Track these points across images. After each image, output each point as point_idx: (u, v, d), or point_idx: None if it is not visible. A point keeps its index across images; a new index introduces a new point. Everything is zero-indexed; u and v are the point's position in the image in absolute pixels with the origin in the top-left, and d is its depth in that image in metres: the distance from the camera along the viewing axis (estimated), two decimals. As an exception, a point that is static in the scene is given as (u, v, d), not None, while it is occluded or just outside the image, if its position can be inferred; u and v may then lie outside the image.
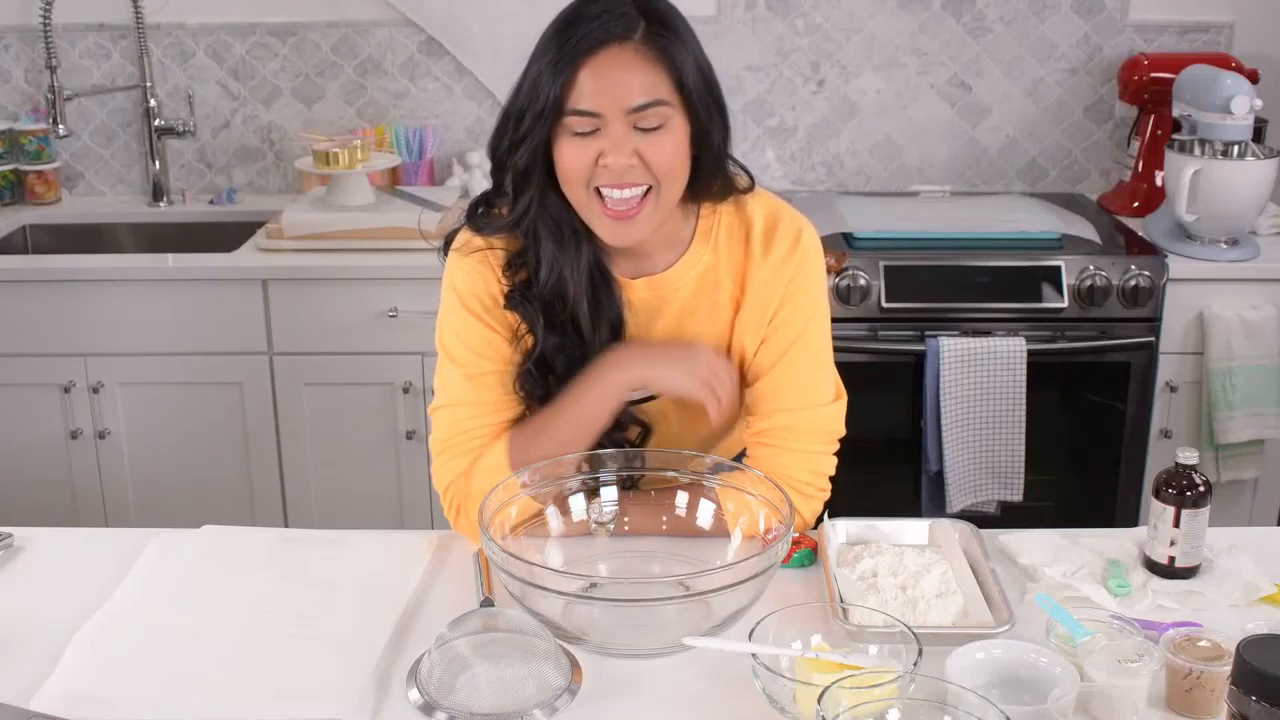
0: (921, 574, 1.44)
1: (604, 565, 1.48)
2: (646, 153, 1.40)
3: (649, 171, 1.41)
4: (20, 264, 2.82)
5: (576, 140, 1.40)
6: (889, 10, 3.08)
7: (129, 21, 3.05)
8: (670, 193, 1.45)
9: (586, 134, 1.40)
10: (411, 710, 1.26)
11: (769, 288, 1.54)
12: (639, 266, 1.55)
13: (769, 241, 1.54)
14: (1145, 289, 2.61)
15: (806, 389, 1.56)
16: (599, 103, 1.38)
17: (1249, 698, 1.03)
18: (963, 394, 2.59)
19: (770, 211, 1.57)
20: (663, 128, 1.41)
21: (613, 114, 1.38)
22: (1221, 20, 3.07)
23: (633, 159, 1.40)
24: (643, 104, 1.38)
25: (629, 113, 1.39)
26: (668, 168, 1.42)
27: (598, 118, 1.39)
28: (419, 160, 3.09)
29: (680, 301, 1.56)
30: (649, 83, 1.39)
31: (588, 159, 1.40)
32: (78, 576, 1.51)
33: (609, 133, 1.39)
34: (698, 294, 1.56)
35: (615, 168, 1.40)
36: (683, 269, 1.55)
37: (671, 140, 1.41)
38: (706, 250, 1.55)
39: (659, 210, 1.45)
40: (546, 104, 1.39)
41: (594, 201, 1.43)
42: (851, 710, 1.10)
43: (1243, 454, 2.73)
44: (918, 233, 2.73)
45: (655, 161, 1.41)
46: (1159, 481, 1.47)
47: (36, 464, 2.79)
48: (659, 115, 1.40)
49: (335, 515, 2.79)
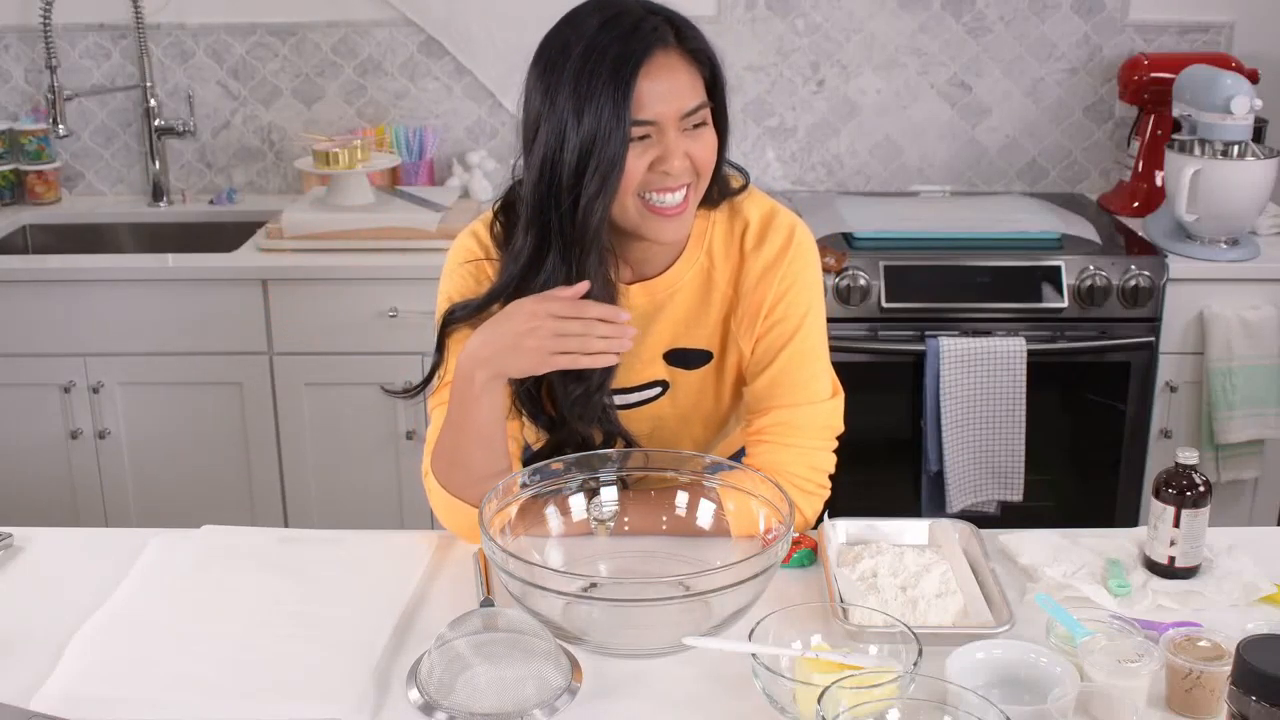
0: (921, 574, 1.44)
1: (604, 565, 1.48)
2: (694, 152, 1.43)
3: (693, 169, 1.44)
4: (20, 264, 2.82)
5: (633, 150, 1.40)
6: (889, 10, 3.08)
7: (129, 21, 3.06)
8: (704, 187, 1.48)
9: (641, 140, 1.41)
10: (411, 710, 1.26)
11: (762, 285, 1.55)
12: (635, 273, 1.56)
13: (761, 240, 1.55)
14: (1145, 289, 2.61)
15: (803, 385, 1.56)
16: (656, 111, 1.40)
17: (1249, 698, 1.03)
18: (963, 394, 2.59)
19: (763, 211, 1.58)
20: (705, 125, 1.45)
21: (668, 121, 1.41)
22: (1221, 20, 3.07)
23: (686, 161, 1.43)
24: (694, 107, 1.42)
25: (682, 117, 1.42)
26: (708, 164, 1.46)
27: (653, 125, 1.41)
28: (419, 160, 3.09)
29: (676, 305, 1.57)
30: (694, 85, 1.43)
31: (643, 167, 1.42)
32: (78, 576, 1.51)
33: (664, 139, 1.41)
34: (693, 297, 1.57)
35: (674, 171, 1.42)
36: (678, 272, 1.56)
37: (710, 137, 1.46)
38: (701, 253, 1.56)
39: (696, 200, 1.48)
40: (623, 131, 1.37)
41: (642, 206, 1.45)
42: (851, 710, 1.10)
43: (1243, 454, 2.73)
44: (918, 233, 2.73)
45: (700, 159, 1.44)
46: (1159, 481, 1.47)
47: (36, 464, 2.79)
48: (704, 115, 1.44)
49: (335, 515, 2.79)
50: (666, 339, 1.57)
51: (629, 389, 1.59)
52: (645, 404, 1.60)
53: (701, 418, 1.64)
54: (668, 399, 1.61)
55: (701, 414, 1.64)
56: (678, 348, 1.58)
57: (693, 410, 1.61)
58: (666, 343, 1.57)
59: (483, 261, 1.54)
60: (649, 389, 1.60)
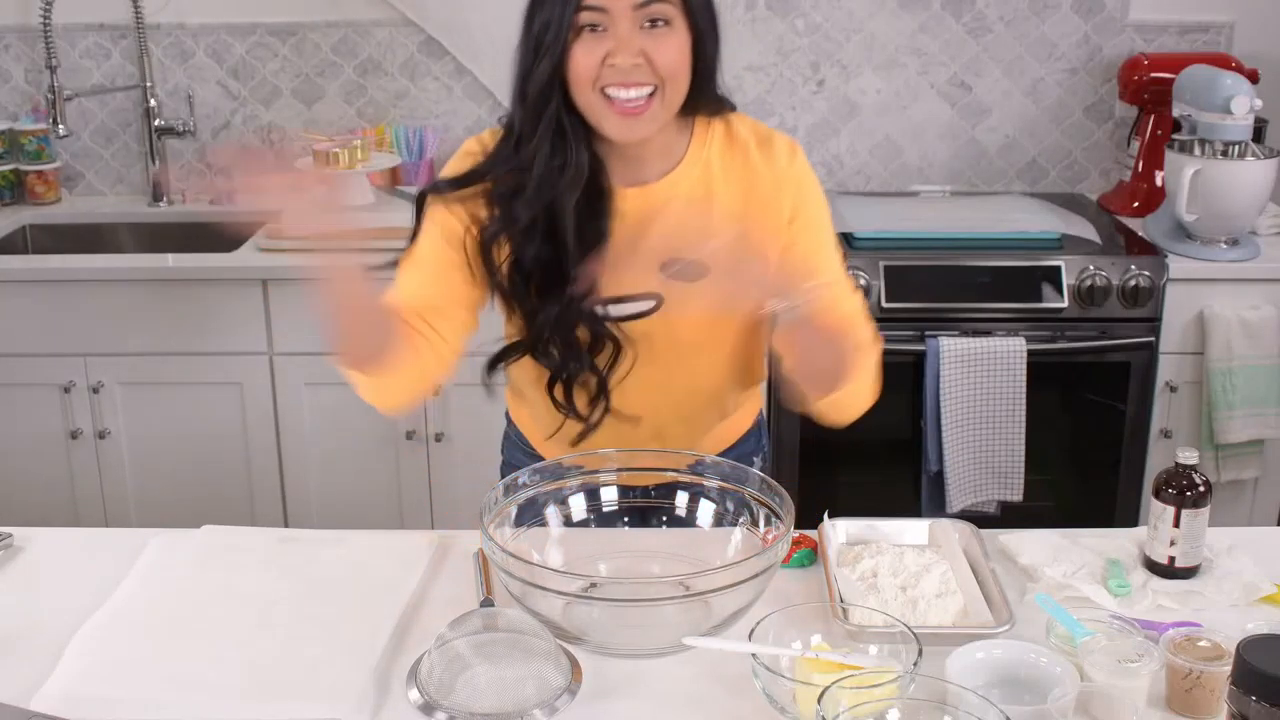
0: (921, 574, 1.44)
1: (604, 565, 1.49)
2: (652, 51, 1.44)
3: (654, 71, 1.45)
4: (20, 264, 2.82)
5: (585, 41, 1.44)
6: (889, 10, 3.08)
7: (129, 21, 3.05)
8: (674, 93, 1.48)
9: (595, 32, 1.43)
10: (411, 710, 1.26)
11: (780, 189, 1.57)
12: (633, 175, 1.56)
13: (768, 149, 1.58)
14: (1145, 289, 2.61)
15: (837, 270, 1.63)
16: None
17: (1249, 698, 1.04)
18: (963, 394, 2.59)
19: (758, 127, 1.61)
20: (668, 26, 1.44)
21: (619, 10, 1.42)
22: (1221, 20, 3.07)
23: (638, 58, 1.43)
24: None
25: (635, 8, 1.42)
26: (672, 67, 1.46)
27: (604, 13, 1.42)
28: (419, 160, 3.09)
29: (673, 213, 1.56)
30: None
31: (595, 59, 1.43)
32: (78, 576, 1.51)
33: (616, 30, 1.43)
34: (690, 206, 1.56)
35: (622, 65, 1.43)
36: (674, 180, 1.56)
37: (675, 40, 1.45)
38: (699, 164, 1.57)
39: (664, 110, 1.48)
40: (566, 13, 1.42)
41: (602, 101, 1.46)
42: (851, 710, 1.10)
43: (1243, 454, 2.73)
44: (918, 233, 2.73)
45: (660, 61, 1.44)
46: (1159, 481, 1.47)
47: (36, 464, 2.79)
48: (663, 12, 1.44)
49: (335, 515, 2.79)
50: (662, 249, 1.54)
51: (619, 299, 1.57)
52: (636, 318, 1.57)
53: (700, 344, 1.62)
54: (659, 316, 1.58)
55: (699, 340, 1.61)
56: (673, 259, 1.54)
57: (689, 333, 1.59)
58: (662, 253, 1.54)
59: (478, 155, 1.58)
60: (640, 301, 1.57)
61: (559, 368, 1.57)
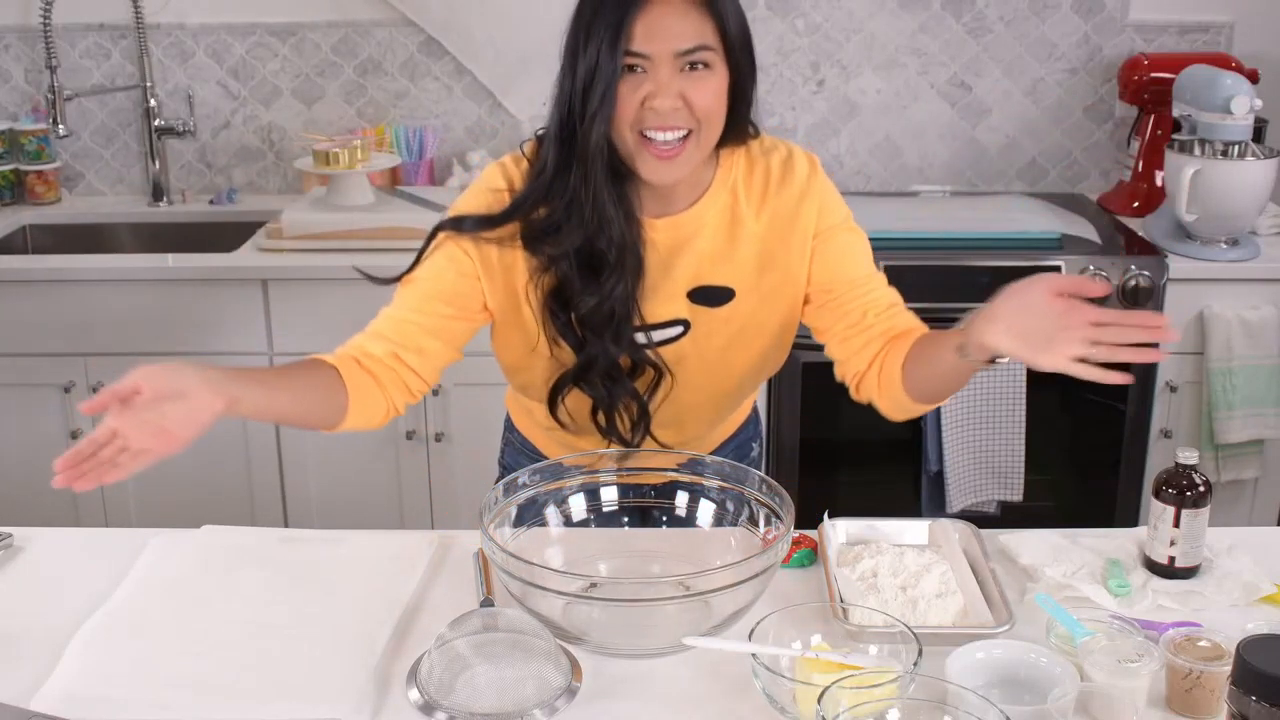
0: (921, 574, 1.44)
1: (604, 565, 1.49)
2: (690, 95, 1.45)
3: (691, 114, 1.46)
4: (20, 264, 2.82)
5: (627, 81, 1.45)
6: (889, 10, 3.08)
7: (129, 21, 3.05)
8: (709, 135, 1.50)
9: (636, 74, 1.45)
10: (411, 710, 1.26)
11: (801, 207, 1.59)
12: (662, 206, 1.57)
13: (788, 170, 1.60)
14: (1145, 289, 2.61)
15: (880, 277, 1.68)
16: (649, 46, 1.43)
17: (1249, 698, 1.04)
18: (963, 394, 2.59)
19: (776, 145, 1.64)
20: (707, 69, 1.47)
21: (661, 57, 1.44)
22: (1221, 20, 3.07)
23: (677, 101, 1.45)
24: (690, 48, 1.44)
25: (676, 56, 1.44)
26: (709, 110, 1.48)
27: (646, 59, 1.44)
28: (419, 160, 3.09)
29: (701, 241, 1.58)
30: (696, 28, 1.45)
31: (635, 101, 1.45)
32: (78, 576, 1.51)
33: (656, 75, 1.45)
34: (717, 233, 1.59)
35: (661, 109, 1.45)
36: (702, 208, 1.58)
37: (714, 83, 1.48)
38: (725, 191, 1.59)
39: (699, 151, 1.50)
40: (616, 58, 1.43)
41: (639, 142, 1.48)
42: (851, 710, 1.10)
43: (1243, 454, 2.73)
44: (918, 233, 2.73)
45: (699, 104, 1.46)
46: (1159, 481, 1.47)
47: (36, 464, 2.78)
48: (704, 56, 1.46)
49: (335, 515, 2.79)
50: (690, 275, 1.59)
51: (650, 326, 1.59)
52: (667, 343, 1.60)
53: (727, 364, 1.64)
54: (689, 339, 1.60)
55: (727, 360, 1.63)
56: (701, 285, 1.59)
57: (717, 354, 1.61)
58: (690, 280, 1.59)
59: (504, 193, 1.56)
60: (670, 327, 1.59)
61: (605, 396, 1.58)
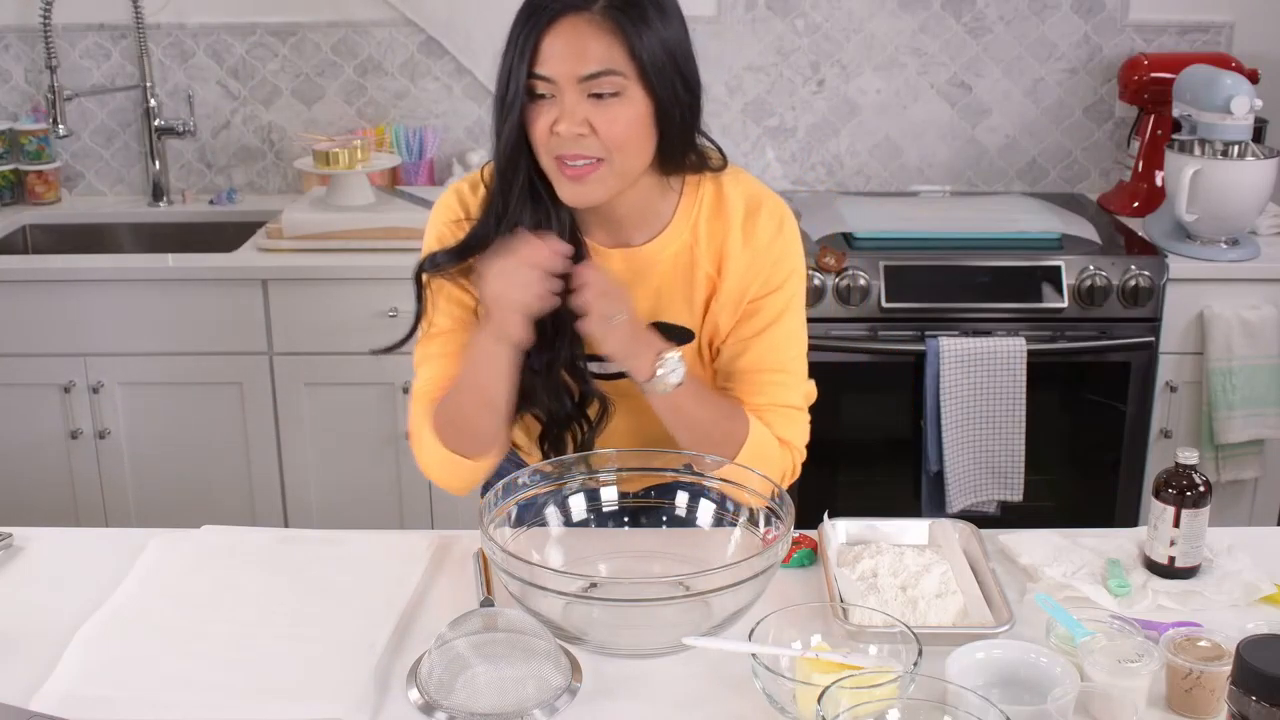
0: (921, 574, 1.44)
1: (604, 565, 1.49)
2: (598, 122, 1.42)
3: (600, 143, 1.42)
4: (20, 264, 2.82)
5: (538, 106, 1.43)
6: (889, 10, 3.08)
7: (129, 21, 3.05)
8: (624, 164, 1.45)
9: (544, 99, 1.43)
10: (411, 710, 1.26)
11: (752, 272, 1.55)
12: (616, 236, 1.56)
13: (752, 225, 1.55)
14: (1145, 289, 2.61)
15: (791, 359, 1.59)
16: (553, 68, 1.41)
17: (1249, 698, 1.04)
18: (963, 394, 2.59)
19: (751, 193, 1.57)
20: (617, 98, 1.42)
21: (565, 81, 1.41)
22: (1221, 20, 3.07)
23: (583, 128, 1.42)
24: (593, 72, 1.40)
25: (580, 80, 1.41)
26: (619, 140, 1.43)
27: (552, 83, 1.42)
28: (419, 160, 3.09)
29: (657, 277, 1.56)
30: (602, 53, 1.40)
31: (545, 125, 1.43)
32: (78, 576, 1.51)
33: (562, 100, 1.42)
34: (674, 272, 1.56)
35: (565, 134, 1.42)
36: (660, 245, 1.55)
37: (627, 112, 1.43)
38: (686, 229, 1.56)
39: (613, 178, 1.46)
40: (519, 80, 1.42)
41: (554, 165, 1.45)
42: (851, 710, 1.10)
43: (1243, 454, 2.73)
44: (918, 233, 2.73)
45: (607, 133, 1.42)
46: (1159, 481, 1.47)
47: (36, 464, 2.79)
48: (611, 84, 1.41)
49: (335, 515, 2.79)
50: (645, 311, 1.56)
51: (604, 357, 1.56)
52: (622, 376, 1.57)
53: None
54: None
55: None
56: (658, 321, 1.57)
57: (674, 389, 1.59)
58: (645, 315, 1.56)
59: (463, 222, 1.56)
60: None
61: (549, 420, 1.58)
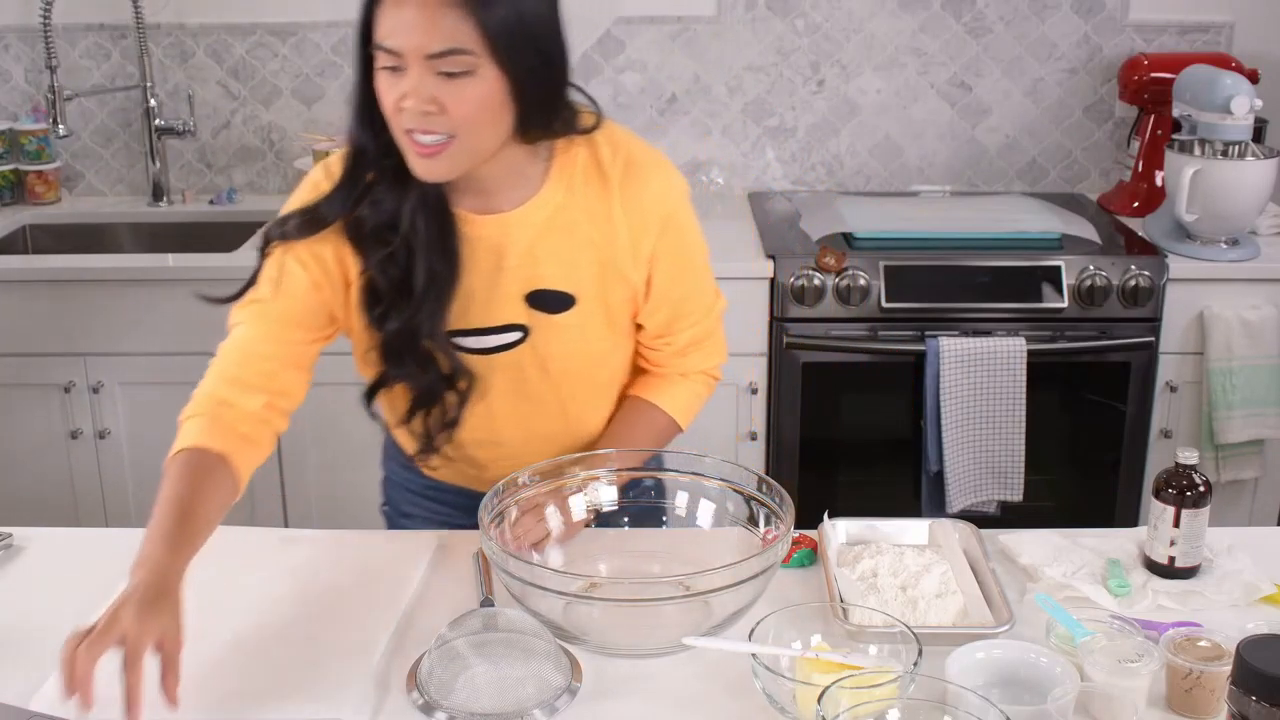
0: (921, 574, 1.44)
1: (604, 565, 1.49)
2: (446, 100, 1.36)
3: (448, 120, 1.38)
4: (20, 264, 2.82)
5: (384, 77, 1.39)
6: (889, 10, 3.08)
7: (129, 21, 3.05)
8: (473, 141, 1.41)
9: (393, 71, 1.38)
10: (411, 710, 1.26)
11: (643, 223, 1.53)
12: (485, 203, 1.51)
13: (633, 181, 1.52)
14: (1145, 289, 2.61)
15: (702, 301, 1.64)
16: (398, 41, 1.36)
17: (1249, 698, 1.04)
18: (963, 394, 2.59)
19: (630, 152, 1.54)
20: (468, 76, 1.36)
21: (411, 56, 1.36)
22: (1221, 20, 3.07)
23: (431, 105, 1.37)
24: (440, 51, 1.35)
25: (427, 58, 1.35)
26: (468, 118, 1.38)
27: (399, 57, 1.37)
28: (419, 160, 3.09)
29: (528, 242, 1.51)
30: (449, 30, 1.34)
31: (393, 99, 1.39)
32: (78, 576, 1.51)
33: (409, 75, 1.37)
34: (548, 235, 1.52)
35: (412, 110, 1.37)
36: (531, 209, 1.51)
37: (476, 89, 1.37)
38: (560, 191, 1.52)
39: (464, 155, 1.42)
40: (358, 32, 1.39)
41: (405, 139, 1.41)
42: (851, 710, 1.10)
43: (1243, 454, 2.73)
44: (918, 233, 2.73)
45: (455, 111, 1.37)
46: (1159, 481, 1.47)
47: (36, 464, 2.79)
48: (460, 63, 1.35)
49: (335, 515, 2.79)
50: (524, 278, 1.52)
51: (484, 330, 1.54)
52: (504, 350, 1.55)
53: (570, 374, 1.60)
54: (528, 346, 1.55)
55: (570, 370, 1.59)
56: (537, 289, 1.53)
57: (559, 364, 1.57)
58: (525, 283, 1.52)
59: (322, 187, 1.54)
60: (506, 332, 1.55)
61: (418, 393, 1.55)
